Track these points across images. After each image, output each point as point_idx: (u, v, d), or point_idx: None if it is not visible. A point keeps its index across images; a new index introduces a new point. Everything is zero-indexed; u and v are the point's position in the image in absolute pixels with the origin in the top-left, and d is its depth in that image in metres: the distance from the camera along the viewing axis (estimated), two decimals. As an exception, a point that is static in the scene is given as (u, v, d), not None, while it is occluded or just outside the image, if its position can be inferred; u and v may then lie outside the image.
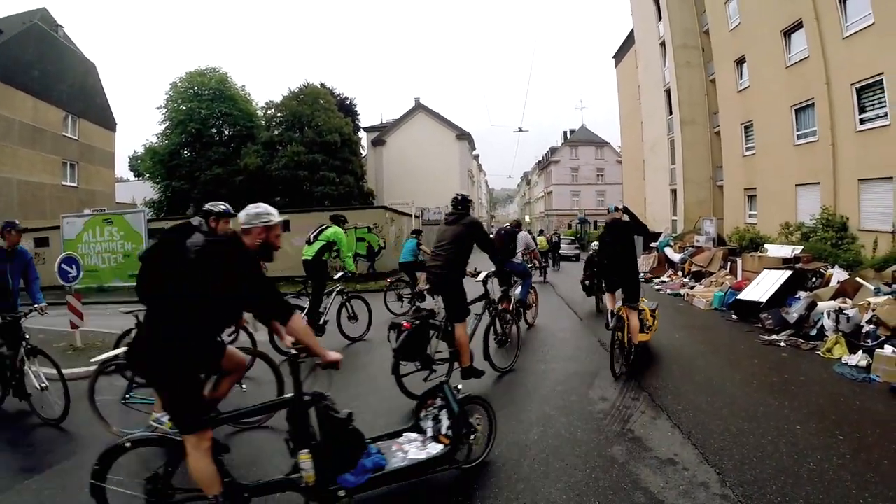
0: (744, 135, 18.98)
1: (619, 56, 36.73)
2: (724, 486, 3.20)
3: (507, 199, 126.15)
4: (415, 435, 3.47)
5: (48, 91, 25.11)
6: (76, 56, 28.56)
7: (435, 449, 3.30)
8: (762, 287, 9.14)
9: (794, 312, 7.68)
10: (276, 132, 33.82)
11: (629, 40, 33.39)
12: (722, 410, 4.52)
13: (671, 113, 25.91)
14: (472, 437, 3.45)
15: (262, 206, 2.89)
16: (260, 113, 35.72)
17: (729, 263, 13.35)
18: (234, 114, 33.06)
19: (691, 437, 3.97)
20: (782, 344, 6.98)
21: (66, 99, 26.52)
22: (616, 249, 5.85)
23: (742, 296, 9.33)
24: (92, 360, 4.45)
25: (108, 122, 30.67)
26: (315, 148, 31.86)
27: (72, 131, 27.31)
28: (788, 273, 9.16)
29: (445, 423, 3.37)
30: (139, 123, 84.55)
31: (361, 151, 39.91)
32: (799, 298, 8.16)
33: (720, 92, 21.28)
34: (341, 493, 2.82)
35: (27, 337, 4.79)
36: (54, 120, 25.79)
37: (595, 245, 9.96)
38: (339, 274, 7.72)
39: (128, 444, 2.69)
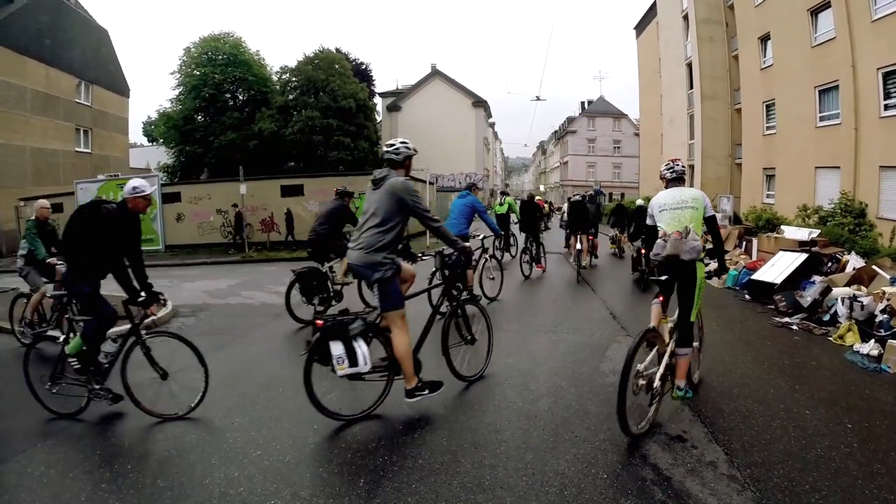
0: (765, 113, 18.61)
1: (640, 27, 35.85)
2: (732, 466, 3.24)
3: (523, 167, 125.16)
4: None
5: (60, 58, 25.11)
6: (88, 23, 28.43)
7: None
8: (777, 268, 9.07)
9: (808, 296, 7.63)
10: (291, 97, 33.68)
11: (651, 12, 32.54)
12: (732, 390, 4.55)
13: (692, 87, 25.41)
14: None
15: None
16: (274, 78, 35.46)
17: (744, 243, 13.23)
18: (248, 79, 32.85)
19: (701, 415, 4.01)
20: (795, 327, 6.96)
21: (78, 66, 26.51)
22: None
23: (756, 276, 9.27)
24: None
25: (121, 89, 30.67)
26: (330, 113, 31.72)
27: (85, 98, 27.38)
28: (804, 256, 9.06)
29: None
30: (153, 89, 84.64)
31: (376, 117, 39.68)
32: (814, 282, 8.10)
33: (743, 68, 20.79)
34: None
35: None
36: (67, 87, 25.83)
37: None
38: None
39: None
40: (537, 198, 13.63)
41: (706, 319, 7.21)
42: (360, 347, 3.82)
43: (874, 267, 8.15)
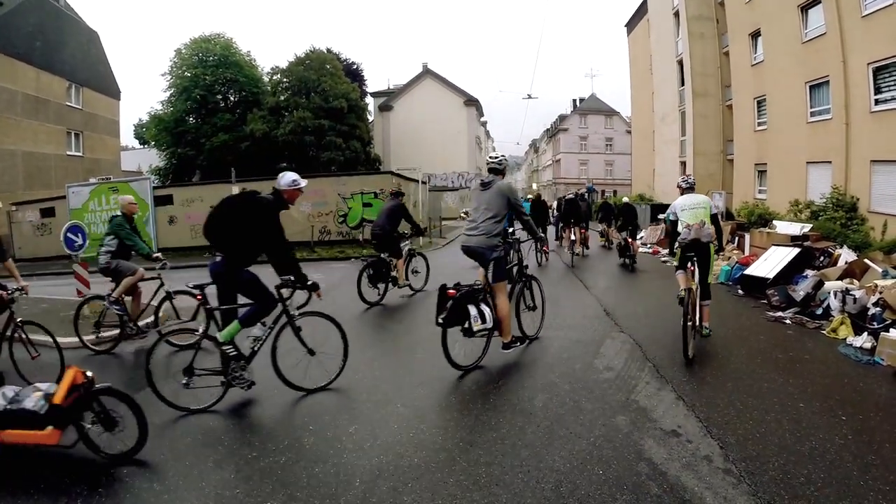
0: (756, 109, 18.69)
1: (631, 25, 35.94)
2: (727, 460, 3.25)
3: (515, 166, 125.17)
4: None
5: (51, 61, 24.84)
6: (78, 25, 28.16)
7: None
8: (769, 263, 9.11)
9: (800, 290, 7.67)
10: (282, 98, 33.56)
11: (642, 9, 32.63)
12: (726, 384, 4.57)
13: (683, 84, 25.51)
14: None
15: None
16: (266, 79, 35.38)
17: (737, 238, 13.30)
18: (239, 80, 32.75)
19: (695, 409, 4.02)
20: (788, 321, 6.99)
21: (68, 69, 26.24)
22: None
23: (749, 271, 9.31)
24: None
25: (111, 91, 30.42)
26: (321, 113, 31.64)
27: (75, 101, 27.10)
28: (796, 251, 9.11)
29: None
30: (144, 91, 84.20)
31: (368, 117, 39.60)
32: (806, 277, 8.14)
33: (734, 65, 20.88)
34: None
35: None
36: (57, 90, 25.57)
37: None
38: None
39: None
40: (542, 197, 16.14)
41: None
42: (485, 309, 4.95)
43: (866, 260, 8.19)
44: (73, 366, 3.48)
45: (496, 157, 5.30)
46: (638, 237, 18.58)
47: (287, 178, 4.50)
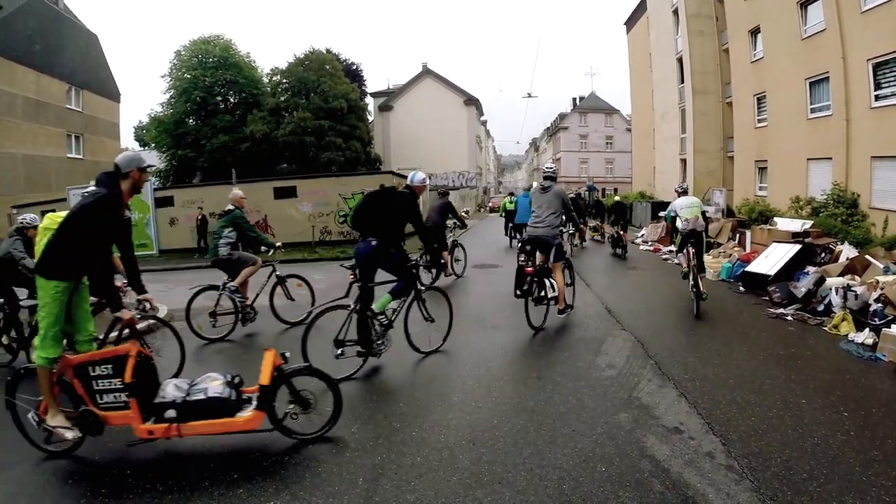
0: (756, 106, 18.66)
1: (630, 23, 35.90)
2: (730, 456, 3.25)
3: (515, 165, 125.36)
4: None
5: (50, 64, 24.88)
6: (78, 28, 28.19)
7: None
8: (770, 260, 9.11)
9: (801, 287, 7.67)
10: (282, 98, 33.49)
11: (641, 7, 32.60)
12: (728, 381, 4.58)
13: (683, 82, 25.48)
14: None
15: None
16: (265, 80, 35.30)
17: (738, 235, 13.29)
18: (239, 81, 32.68)
19: (697, 406, 4.03)
20: (789, 318, 6.99)
21: (68, 71, 26.29)
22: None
23: (750, 268, 9.30)
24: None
25: (111, 93, 30.46)
26: (321, 114, 31.58)
27: (75, 103, 27.15)
28: (798, 247, 9.10)
29: None
30: (143, 93, 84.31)
31: (368, 117, 39.56)
32: (807, 273, 8.14)
33: (733, 62, 20.84)
34: None
35: None
36: (57, 93, 25.61)
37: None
38: None
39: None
40: None
41: (701, 311, 7.27)
42: (553, 282, 6.47)
43: (867, 256, 8.18)
44: (271, 348, 3.54)
45: (550, 168, 7.01)
46: (639, 235, 18.70)
47: (417, 176, 5.52)
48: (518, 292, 6.39)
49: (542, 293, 6.38)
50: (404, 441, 3.59)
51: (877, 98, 12.46)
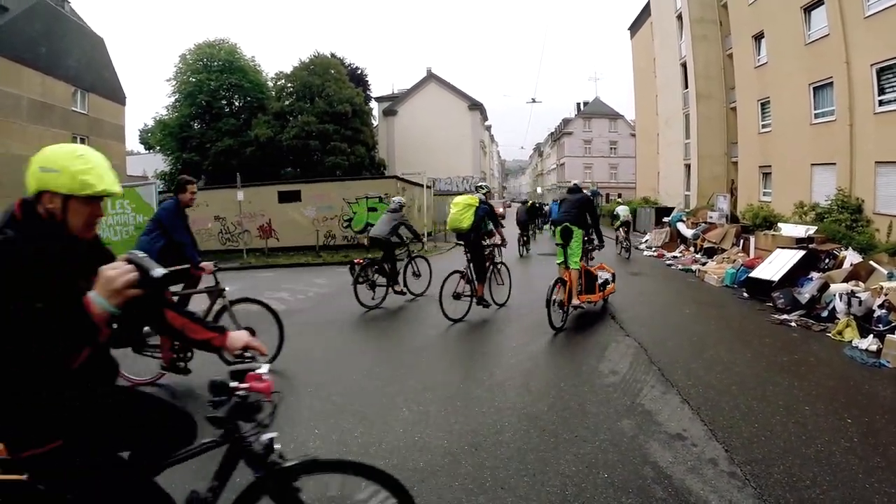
0: (760, 111, 18.64)
1: (634, 28, 35.93)
2: (732, 463, 3.24)
3: (520, 170, 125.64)
4: None
5: (56, 66, 24.98)
6: (84, 30, 28.33)
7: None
8: (774, 266, 9.09)
9: (805, 293, 7.66)
10: (287, 103, 33.59)
11: (645, 12, 32.63)
12: (731, 388, 4.56)
13: (687, 87, 25.44)
14: None
15: None
16: (270, 84, 35.43)
17: (741, 241, 13.27)
18: (244, 85, 32.81)
19: (700, 413, 4.02)
20: (793, 324, 6.98)
21: (74, 74, 26.38)
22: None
23: (754, 274, 9.29)
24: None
25: (117, 96, 30.58)
26: (326, 118, 31.69)
27: (81, 106, 27.25)
28: (801, 253, 9.09)
29: None
30: (149, 96, 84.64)
31: (373, 122, 39.67)
32: (811, 279, 8.12)
33: (737, 67, 20.82)
34: None
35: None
36: (63, 95, 25.72)
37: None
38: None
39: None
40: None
41: (704, 317, 7.27)
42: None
43: (871, 262, 8.16)
44: None
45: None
46: (643, 241, 18.72)
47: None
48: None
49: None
50: (405, 446, 3.59)
51: (881, 103, 12.44)
